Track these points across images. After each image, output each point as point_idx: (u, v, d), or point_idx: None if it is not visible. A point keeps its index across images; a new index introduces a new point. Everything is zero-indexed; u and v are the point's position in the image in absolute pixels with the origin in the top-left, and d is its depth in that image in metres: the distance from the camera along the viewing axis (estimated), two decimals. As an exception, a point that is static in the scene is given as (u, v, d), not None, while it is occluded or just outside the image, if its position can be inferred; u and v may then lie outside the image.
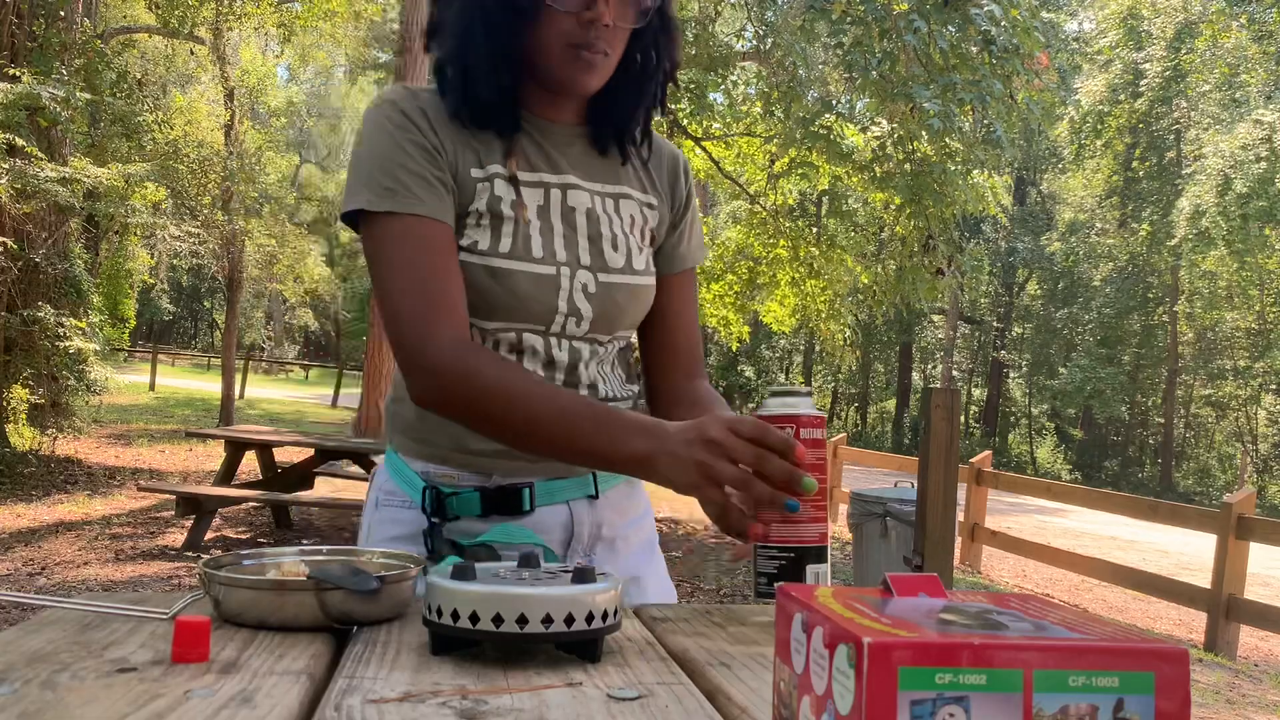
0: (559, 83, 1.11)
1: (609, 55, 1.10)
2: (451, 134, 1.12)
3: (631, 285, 1.18)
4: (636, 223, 1.21)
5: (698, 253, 1.31)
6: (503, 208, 1.11)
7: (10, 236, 8.52)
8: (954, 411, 4.37)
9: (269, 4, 12.09)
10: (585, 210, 1.16)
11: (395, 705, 0.64)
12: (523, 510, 1.14)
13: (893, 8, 6.76)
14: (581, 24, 1.07)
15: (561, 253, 1.13)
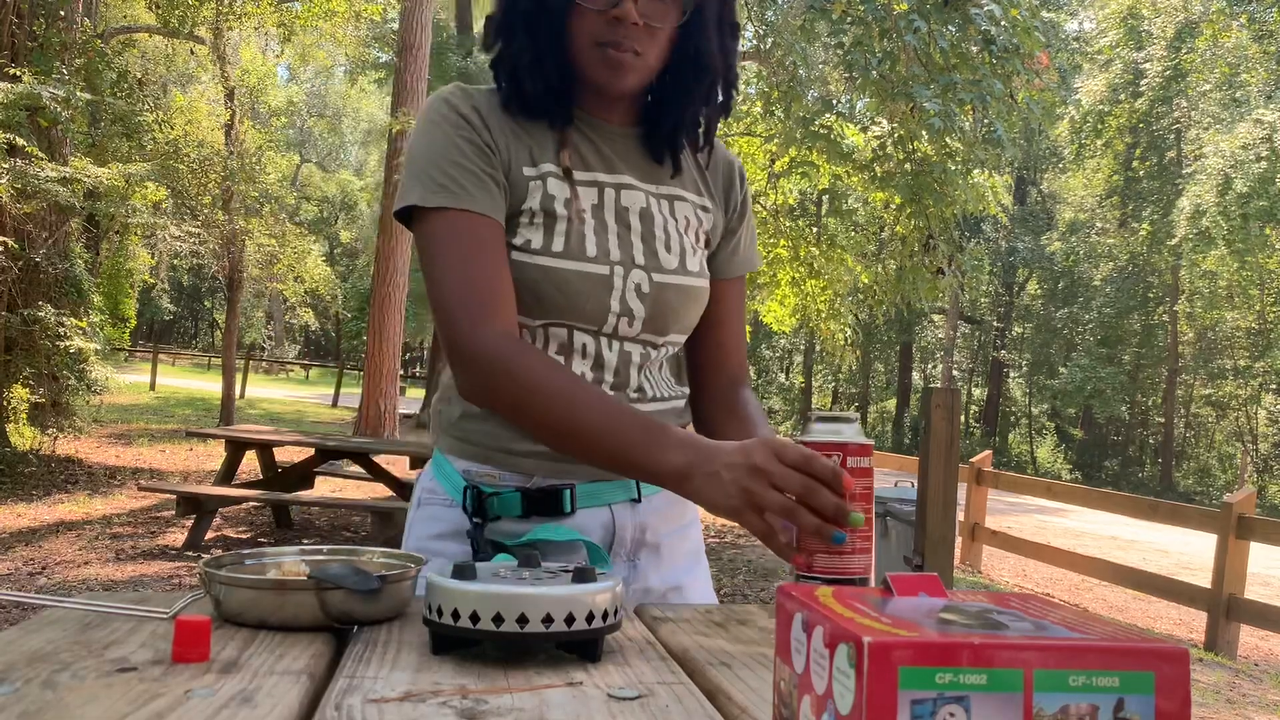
0: (592, 83, 1.11)
1: (640, 55, 1.08)
2: (505, 131, 1.12)
3: (685, 286, 1.17)
4: (691, 225, 1.21)
5: (751, 260, 1.30)
6: (556, 206, 1.11)
7: (11, 236, 8.52)
8: (954, 411, 4.37)
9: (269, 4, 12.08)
10: (639, 210, 1.16)
11: (396, 705, 0.64)
12: (563, 512, 1.14)
13: (893, 7, 6.76)
14: (608, 22, 1.06)
15: (615, 252, 1.12)
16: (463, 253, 1.05)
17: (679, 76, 1.15)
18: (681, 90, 1.15)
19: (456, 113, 1.11)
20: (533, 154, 1.13)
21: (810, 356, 33.34)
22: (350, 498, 7.31)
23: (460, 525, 1.15)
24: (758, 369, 36.38)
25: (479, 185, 1.08)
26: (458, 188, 1.07)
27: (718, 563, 7.07)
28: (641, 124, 1.20)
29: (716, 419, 1.25)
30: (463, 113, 1.11)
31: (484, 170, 1.08)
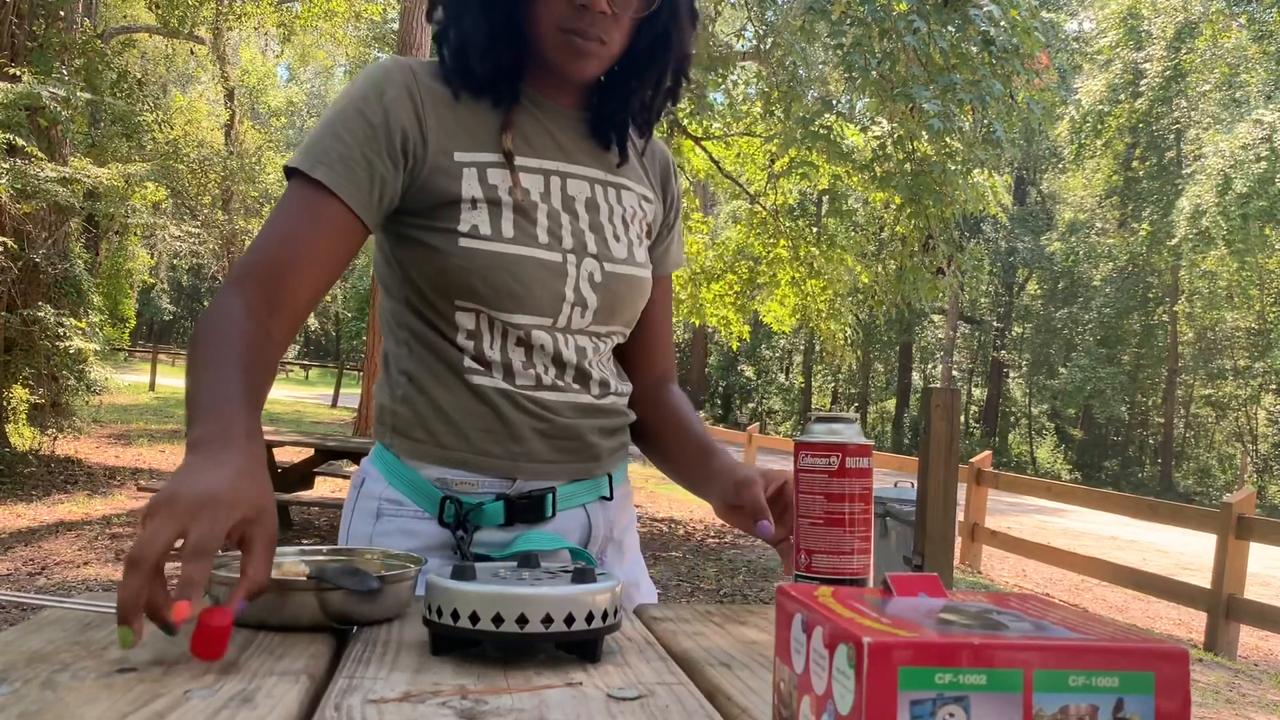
0: (551, 66, 1.08)
1: (605, 44, 1.06)
2: (440, 112, 1.08)
3: (634, 277, 1.16)
4: (636, 215, 1.19)
5: (679, 258, 1.31)
6: (500, 193, 1.07)
7: (10, 236, 8.52)
8: (954, 411, 4.37)
9: (269, 4, 12.08)
10: (585, 199, 1.13)
11: (395, 705, 0.64)
12: (545, 516, 1.12)
13: (893, 8, 6.76)
14: (574, 8, 1.03)
15: (567, 239, 1.10)
16: (288, 226, 1.00)
17: (635, 62, 1.12)
18: (636, 76, 1.13)
19: (384, 90, 1.05)
20: (472, 138, 1.08)
21: (810, 356, 33.35)
22: (350, 498, 7.30)
23: (437, 538, 1.10)
24: (758, 369, 36.39)
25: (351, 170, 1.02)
26: (330, 164, 1.02)
27: (718, 563, 7.07)
28: (589, 107, 1.17)
29: (646, 417, 1.26)
30: (382, 87, 1.05)
31: (369, 155, 1.03)
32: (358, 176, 1.02)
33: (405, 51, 14.19)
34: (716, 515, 1.04)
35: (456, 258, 1.05)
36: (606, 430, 1.17)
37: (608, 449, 1.17)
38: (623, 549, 1.23)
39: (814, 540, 0.92)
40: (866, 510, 0.92)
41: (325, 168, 1.01)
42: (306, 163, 1.01)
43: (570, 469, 1.13)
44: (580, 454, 1.14)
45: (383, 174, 1.04)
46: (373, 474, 1.15)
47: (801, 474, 0.93)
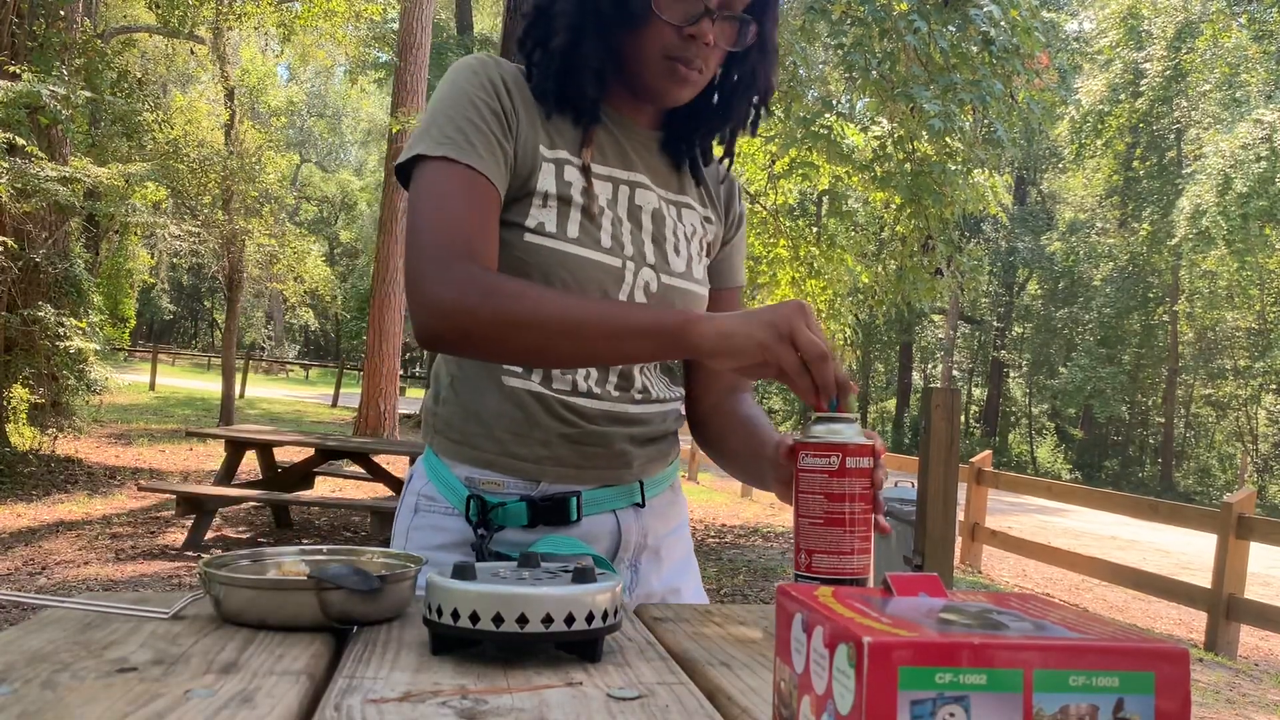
0: (649, 91, 1.12)
1: (704, 73, 1.11)
2: (528, 110, 1.12)
3: (690, 291, 1.19)
4: (697, 233, 1.22)
5: (741, 273, 1.33)
6: (572, 192, 1.10)
7: (10, 236, 8.52)
8: (954, 411, 4.37)
9: (269, 4, 12.08)
10: (652, 211, 1.17)
11: (395, 705, 0.64)
12: (570, 520, 1.12)
13: (893, 8, 6.76)
14: (683, 39, 1.08)
15: (629, 247, 1.13)
16: (453, 203, 1.02)
17: (722, 93, 1.18)
18: (723, 106, 1.19)
19: (482, 77, 1.10)
20: (552, 139, 1.12)
21: (810, 356, 33.28)
22: (350, 498, 7.31)
23: (464, 535, 1.12)
24: (758, 369, 36.33)
25: (488, 146, 1.06)
26: (466, 143, 1.05)
27: (718, 563, 7.07)
28: (664, 128, 1.21)
29: (714, 425, 1.25)
30: (489, 77, 1.10)
31: (495, 134, 1.07)
32: (497, 159, 1.07)
33: (405, 52, 14.19)
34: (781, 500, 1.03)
35: (519, 251, 1.08)
36: (640, 438, 1.17)
37: (641, 456, 1.17)
38: (660, 557, 1.23)
39: (814, 540, 0.92)
40: (867, 510, 0.92)
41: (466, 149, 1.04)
42: (446, 147, 1.04)
43: (597, 475, 1.14)
44: (609, 460, 1.14)
45: (509, 155, 1.08)
46: (419, 470, 1.20)
47: (802, 474, 0.93)
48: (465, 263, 0.99)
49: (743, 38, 1.12)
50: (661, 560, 1.24)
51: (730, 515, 10.14)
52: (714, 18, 1.08)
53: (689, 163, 1.22)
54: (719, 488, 12.99)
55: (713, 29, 1.08)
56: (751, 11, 1.11)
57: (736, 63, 1.15)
